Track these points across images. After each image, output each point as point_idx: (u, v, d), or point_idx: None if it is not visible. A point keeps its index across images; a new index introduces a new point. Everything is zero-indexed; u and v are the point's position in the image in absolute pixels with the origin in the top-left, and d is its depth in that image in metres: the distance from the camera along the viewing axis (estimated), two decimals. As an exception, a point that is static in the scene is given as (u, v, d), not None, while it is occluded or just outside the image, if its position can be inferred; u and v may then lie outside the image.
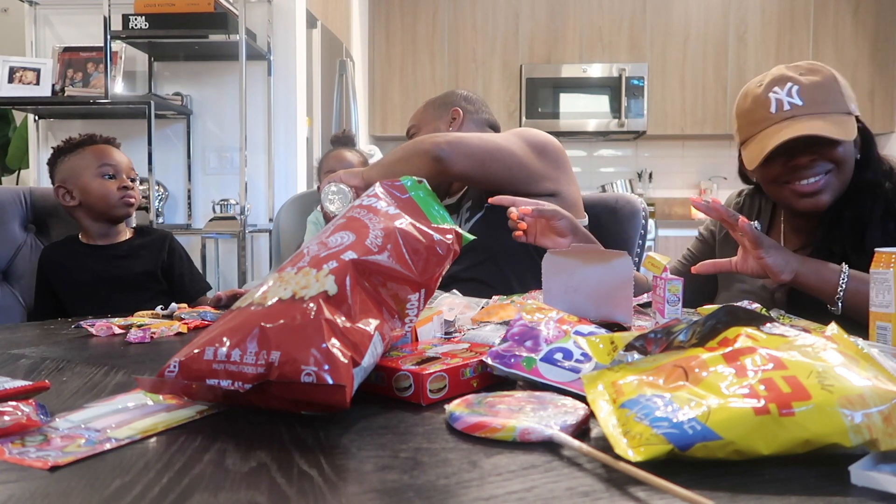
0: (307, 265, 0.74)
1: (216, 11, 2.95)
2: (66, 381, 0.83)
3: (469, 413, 0.62)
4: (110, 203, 1.67)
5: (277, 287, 0.73)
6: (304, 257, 0.77)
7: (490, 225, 1.57)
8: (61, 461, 0.55)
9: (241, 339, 0.66)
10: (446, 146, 1.45)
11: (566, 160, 1.61)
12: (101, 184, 1.68)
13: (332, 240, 0.78)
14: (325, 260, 0.74)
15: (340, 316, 0.68)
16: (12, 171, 4.27)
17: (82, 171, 1.69)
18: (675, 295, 1.00)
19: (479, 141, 1.49)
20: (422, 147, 1.46)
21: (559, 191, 1.58)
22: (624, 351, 0.69)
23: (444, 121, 1.72)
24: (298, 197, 2.70)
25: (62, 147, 1.74)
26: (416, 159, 1.47)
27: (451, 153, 1.45)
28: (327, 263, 0.73)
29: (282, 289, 0.72)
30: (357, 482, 0.51)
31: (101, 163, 1.70)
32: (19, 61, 3.13)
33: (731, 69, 4.78)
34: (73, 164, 1.71)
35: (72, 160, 1.72)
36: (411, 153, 1.48)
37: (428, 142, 1.46)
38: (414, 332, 0.89)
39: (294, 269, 0.75)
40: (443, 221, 0.86)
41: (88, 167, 1.69)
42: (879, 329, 0.85)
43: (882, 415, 0.51)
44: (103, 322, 1.18)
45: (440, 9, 4.86)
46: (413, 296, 0.77)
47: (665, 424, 0.53)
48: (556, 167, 1.57)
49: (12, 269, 1.82)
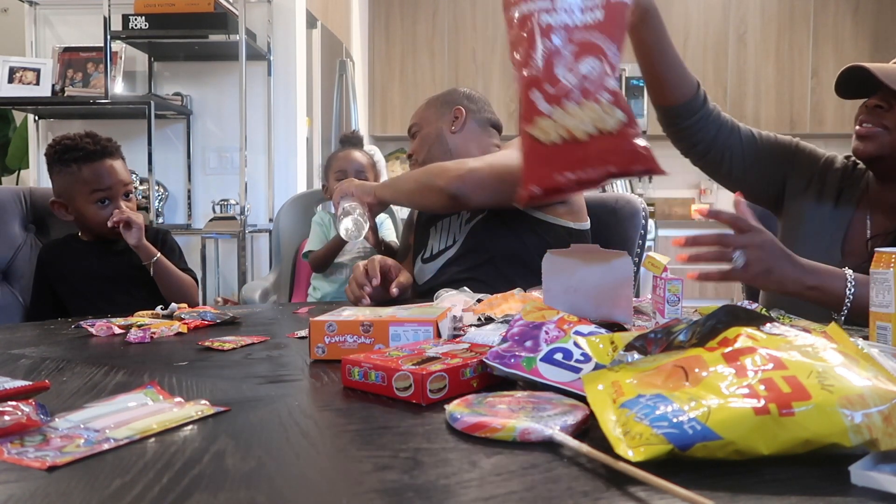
0: (585, 98, 0.89)
1: (216, 11, 2.95)
2: (66, 381, 0.83)
3: (469, 413, 0.62)
4: (103, 231, 1.66)
5: (569, 120, 0.89)
6: (569, 91, 0.90)
7: (491, 227, 1.57)
8: (59, 461, 0.55)
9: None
10: (460, 183, 1.46)
11: None
12: (95, 212, 1.65)
13: (584, 68, 0.91)
14: (597, 91, 0.90)
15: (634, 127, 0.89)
16: (12, 171, 4.27)
17: (76, 194, 1.65)
18: (675, 295, 1.00)
19: (489, 169, 1.49)
20: (436, 183, 1.47)
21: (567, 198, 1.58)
22: (624, 351, 0.69)
23: (447, 119, 1.71)
24: (298, 197, 2.70)
25: (56, 150, 1.68)
26: (431, 195, 1.49)
27: (466, 189, 1.46)
28: (602, 94, 0.89)
29: (576, 121, 0.89)
30: (357, 482, 0.51)
31: (94, 187, 1.64)
32: (19, 61, 3.13)
33: (731, 69, 4.78)
34: (68, 184, 1.66)
35: (67, 178, 1.66)
36: (425, 187, 1.49)
37: (441, 178, 1.47)
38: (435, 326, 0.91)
39: (574, 105, 0.89)
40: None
41: (82, 191, 1.64)
42: (879, 329, 0.85)
43: (882, 415, 0.51)
44: (103, 322, 1.18)
45: (440, 9, 4.86)
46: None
47: (665, 424, 0.53)
48: None
49: (12, 268, 1.82)
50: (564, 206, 1.59)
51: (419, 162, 1.72)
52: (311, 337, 0.92)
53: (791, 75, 4.77)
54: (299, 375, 0.86)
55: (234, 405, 0.71)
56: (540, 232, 1.55)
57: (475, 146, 1.70)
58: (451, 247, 1.62)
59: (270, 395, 0.75)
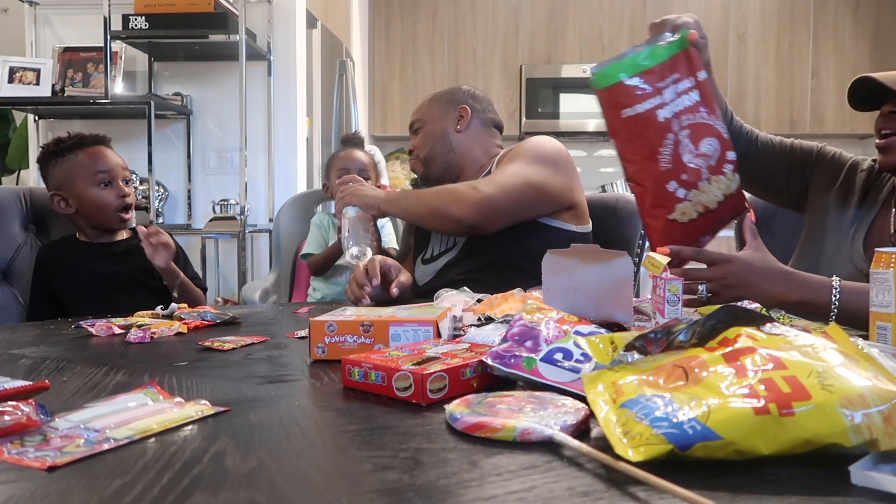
0: (713, 175, 1.07)
1: (216, 11, 2.95)
2: (66, 381, 0.83)
3: (469, 413, 0.62)
4: (107, 214, 1.65)
5: (703, 196, 1.07)
6: (699, 172, 1.06)
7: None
8: (59, 461, 0.55)
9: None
10: (477, 214, 1.45)
11: (573, 165, 1.61)
12: (97, 193, 1.64)
13: (704, 147, 1.06)
14: (721, 165, 1.07)
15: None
16: (12, 171, 4.27)
17: (76, 179, 1.65)
18: (675, 295, 1.00)
19: (504, 196, 1.48)
20: (451, 213, 1.46)
21: (575, 202, 1.59)
22: (624, 351, 0.69)
23: (452, 118, 1.71)
24: (298, 197, 2.70)
25: (52, 149, 1.68)
26: (446, 223, 1.49)
27: (483, 219, 1.46)
28: (725, 167, 1.08)
29: (709, 196, 1.07)
30: (357, 482, 0.51)
31: (95, 169, 1.65)
32: (19, 61, 3.13)
33: (731, 69, 4.78)
34: (67, 171, 1.66)
35: (64, 166, 1.66)
36: (439, 215, 1.49)
37: (457, 208, 1.46)
38: (435, 326, 0.91)
39: (706, 183, 1.06)
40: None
41: (82, 174, 1.64)
42: (879, 329, 0.85)
43: (882, 415, 0.51)
44: (103, 322, 1.18)
45: (440, 9, 4.86)
46: None
47: (665, 424, 0.53)
48: (569, 177, 1.58)
49: (12, 269, 1.82)
50: (570, 211, 1.59)
51: (420, 159, 1.72)
52: (311, 337, 0.92)
53: (791, 75, 4.77)
54: (299, 375, 0.86)
55: (234, 405, 0.71)
56: (544, 236, 1.54)
57: (479, 146, 1.70)
58: (451, 248, 1.62)
59: (270, 395, 0.75)
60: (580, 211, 1.61)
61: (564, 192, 1.56)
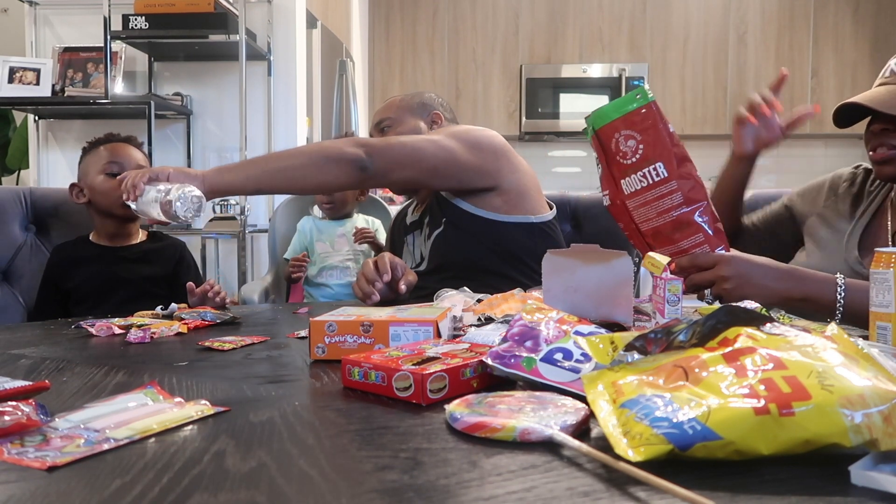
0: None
1: (216, 11, 2.95)
2: (66, 381, 0.83)
3: (469, 413, 0.62)
4: (111, 200, 1.66)
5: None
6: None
7: (449, 241, 1.55)
8: (59, 461, 0.55)
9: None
10: (372, 155, 1.39)
11: (507, 151, 1.56)
12: (103, 181, 1.68)
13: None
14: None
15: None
16: (12, 171, 4.27)
17: (91, 169, 1.71)
18: (675, 295, 1.00)
19: (401, 146, 1.44)
20: (342, 155, 1.38)
21: (498, 184, 1.54)
22: (624, 351, 0.69)
23: (426, 121, 1.71)
24: (295, 198, 2.70)
25: (86, 147, 1.77)
26: (333, 167, 1.38)
27: (377, 162, 1.39)
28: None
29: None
30: (357, 482, 0.51)
31: (108, 160, 1.69)
32: (19, 61, 3.13)
33: (731, 69, 4.78)
34: (87, 163, 1.73)
35: (87, 159, 1.74)
36: (324, 159, 1.38)
37: (348, 149, 1.38)
38: (435, 326, 0.91)
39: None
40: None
41: (97, 164, 1.70)
42: (879, 329, 0.85)
43: (882, 415, 0.51)
44: (103, 322, 1.18)
45: (440, 9, 4.86)
46: None
47: (665, 424, 0.53)
48: (494, 159, 1.54)
49: (12, 269, 1.82)
50: (504, 197, 1.54)
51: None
52: (311, 337, 0.92)
53: (791, 75, 4.76)
54: (299, 375, 0.86)
55: (234, 405, 0.71)
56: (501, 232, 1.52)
57: None
58: (420, 263, 1.62)
59: (270, 395, 0.75)
60: (515, 193, 1.56)
61: (483, 171, 1.52)
